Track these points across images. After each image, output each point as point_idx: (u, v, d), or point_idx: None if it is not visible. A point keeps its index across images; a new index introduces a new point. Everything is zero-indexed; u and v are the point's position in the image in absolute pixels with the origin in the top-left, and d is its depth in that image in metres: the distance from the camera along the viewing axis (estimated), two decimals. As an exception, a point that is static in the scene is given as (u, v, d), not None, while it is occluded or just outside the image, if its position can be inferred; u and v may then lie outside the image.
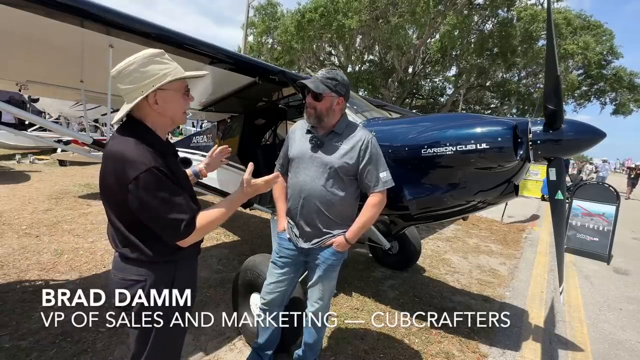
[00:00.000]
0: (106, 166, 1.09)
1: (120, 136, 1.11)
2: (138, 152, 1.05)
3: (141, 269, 1.16)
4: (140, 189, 1.02)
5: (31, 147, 9.41)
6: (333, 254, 1.74)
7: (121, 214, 1.12)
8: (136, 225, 1.12)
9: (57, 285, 2.93)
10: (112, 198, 1.11)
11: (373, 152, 1.67)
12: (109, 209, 1.15)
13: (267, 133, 4.22)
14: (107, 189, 1.11)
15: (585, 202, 5.57)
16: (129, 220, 1.12)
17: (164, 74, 1.11)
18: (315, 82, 1.64)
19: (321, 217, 1.71)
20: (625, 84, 17.02)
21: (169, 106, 1.15)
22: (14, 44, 2.11)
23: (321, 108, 1.65)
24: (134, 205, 1.05)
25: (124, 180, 1.03)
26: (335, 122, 1.72)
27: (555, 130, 2.09)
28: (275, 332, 2.00)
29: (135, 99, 1.09)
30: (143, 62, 1.08)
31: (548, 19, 2.14)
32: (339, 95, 1.66)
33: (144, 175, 1.02)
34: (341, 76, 1.68)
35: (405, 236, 3.76)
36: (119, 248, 1.17)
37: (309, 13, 16.65)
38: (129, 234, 1.13)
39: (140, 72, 1.08)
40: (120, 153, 1.05)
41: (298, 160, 1.76)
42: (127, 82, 1.08)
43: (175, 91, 1.16)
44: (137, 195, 1.03)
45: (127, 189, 1.03)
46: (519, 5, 15.71)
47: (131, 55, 1.10)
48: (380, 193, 1.68)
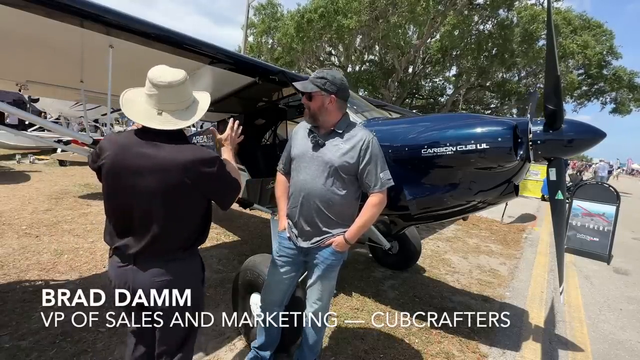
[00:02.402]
0: (168, 171, 1.19)
1: (170, 144, 1.23)
2: (204, 150, 1.28)
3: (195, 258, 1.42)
4: (221, 170, 1.29)
5: (31, 147, 9.41)
6: (332, 253, 1.74)
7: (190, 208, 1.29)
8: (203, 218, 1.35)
9: (57, 285, 2.93)
10: (187, 195, 1.24)
11: (373, 152, 1.67)
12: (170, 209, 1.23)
13: (267, 133, 4.22)
14: (177, 190, 1.21)
15: (585, 202, 5.57)
16: (199, 213, 1.32)
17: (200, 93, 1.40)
18: (304, 82, 1.69)
19: (321, 216, 1.71)
20: (625, 84, 17.00)
21: None
22: (14, 44, 2.11)
23: (313, 107, 1.69)
24: (217, 184, 1.30)
25: (206, 171, 1.23)
26: (334, 121, 1.72)
27: (555, 130, 2.09)
28: (275, 332, 2.00)
29: (196, 112, 1.31)
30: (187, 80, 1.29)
31: (548, 19, 2.14)
32: (328, 93, 1.66)
33: (218, 161, 1.29)
34: (332, 75, 1.68)
35: (405, 236, 3.76)
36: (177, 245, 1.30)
37: (309, 14, 16.65)
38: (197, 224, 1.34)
39: (189, 89, 1.31)
40: (196, 156, 1.23)
41: (299, 159, 1.77)
42: (184, 94, 1.28)
43: None
44: (221, 175, 1.29)
45: (209, 178, 1.25)
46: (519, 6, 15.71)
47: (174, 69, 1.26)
48: (380, 193, 1.68)
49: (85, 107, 3.02)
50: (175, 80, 1.21)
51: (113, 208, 1.26)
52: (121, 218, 1.25)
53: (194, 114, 1.29)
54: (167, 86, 1.20)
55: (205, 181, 1.25)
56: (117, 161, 1.19)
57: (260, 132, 4.17)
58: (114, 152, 1.20)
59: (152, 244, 1.22)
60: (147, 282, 1.24)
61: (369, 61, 21.13)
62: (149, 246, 1.22)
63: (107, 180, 1.23)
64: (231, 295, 2.45)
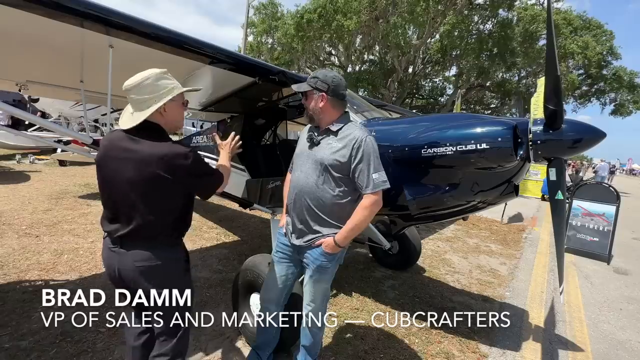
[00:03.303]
0: (148, 164, 1.29)
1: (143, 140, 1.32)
2: (178, 145, 1.35)
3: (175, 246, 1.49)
4: (195, 163, 1.36)
5: (31, 147, 9.41)
6: (322, 254, 1.71)
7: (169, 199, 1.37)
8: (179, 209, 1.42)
9: (57, 285, 2.93)
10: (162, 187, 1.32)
11: (366, 152, 1.61)
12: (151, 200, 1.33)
13: (267, 133, 4.22)
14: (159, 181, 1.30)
15: (585, 202, 5.57)
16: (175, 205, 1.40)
17: (172, 87, 1.39)
18: (299, 84, 1.74)
19: (311, 214, 1.70)
20: (625, 84, 16.99)
21: (173, 113, 1.43)
22: (14, 44, 2.11)
23: (308, 106, 1.74)
24: (193, 176, 1.38)
25: (181, 164, 1.32)
26: (331, 120, 1.72)
27: (555, 130, 2.09)
28: (274, 332, 2.00)
29: (150, 106, 1.34)
30: (157, 77, 1.35)
31: (548, 19, 2.14)
32: (319, 91, 1.67)
33: (192, 154, 1.35)
34: (324, 74, 1.69)
35: (405, 236, 3.76)
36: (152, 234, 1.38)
37: (308, 14, 16.65)
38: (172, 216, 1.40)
39: (155, 86, 1.35)
40: (168, 150, 1.31)
41: (297, 157, 1.81)
42: (144, 93, 1.33)
43: (178, 102, 1.44)
44: (195, 168, 1.37)
45: (184, 171, 1.33)
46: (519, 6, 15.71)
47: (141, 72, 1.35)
48: (372, 195, 1.61)
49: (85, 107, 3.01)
50: (135, 82, 1.32)
51: (104, 197, 1.41)
52: (110, 206, 1.39)
53: (150, 107, 1.34)
54: (130, 89, 1.33)
55: (179, 173, 1.33)
56: (104, 154, 1.36)
57: (260, 132, 4.17)
58: (103, 147, 1.39)
59: (136, 230, 1.33)
60: (129, 265, 1.35)
61: (369, 61, 21.15)
62: (132, 232, 1.33)
63: (97, 171, 1.40)
64: (231, 295, 2.45)
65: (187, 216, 1.50)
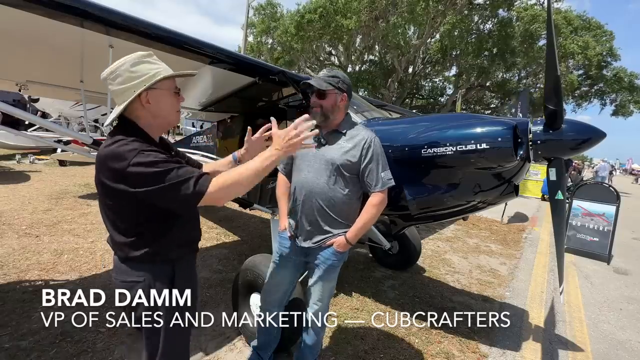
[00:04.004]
0: (99, 167, 1.08)
1: (112, 137, 1.11)
2: (126, 145, 1.06)
3: (140, 270, 1.17)
4: (138, 169, 1.02)
5: (31, 147, 9.41)
6: (333, 254, 1.74)
7: (119, 211, 1.13)
8: (132, 222, 1.13)
9: (57, 285, 2.93)
10: (111, 195, 1.10)
11: (375, 152, 1.68)
12: (106, 209, 1.15)
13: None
14: (105, 188, 1.09)
15: (585, 202, 5.57)
16: (126, 218, 1.13)
17: (154, 73, 1.12)
18: (318, 80, 1.69)
19: (322, 214, 1.71)
20: (626, 85, 16.98)
21: (161, 105, 1.16)
22: (14, 44, 2.11)
23: (326, 105, 1.69)
24: (139, 190, 1.03)
25: (122, 171, 1.02)
26: (339, 120, 1.74)
27: (555, 130, 2.09)
28: (275, 332, 2.00)
29: (125, 100, 1.10)
30: (134, 62, 1.10)
31: (548, 19, 2.14)
32: (341, 92, 1.70)
33: (136, 159, 1.02)
34: (342, 75, 1.73)
35: (405, 236, 3.76)
36: (118, 249, 1.18)
37: (308, 14, 16.65)
38: (126, 231, 1.13)
39: (131, 72, 1.09)
40: (110, 151, 1.05)
41: (301, 158, 1.78)
42: (119, 83, 1.10)
43: (165, 90, 1.16)
44: (138, 175, 1.02)
45: (126, 179, 1.02)
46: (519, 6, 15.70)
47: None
48: (381, 193, 1.69)
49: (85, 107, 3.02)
50: (110, 69, 1.11)
51: None
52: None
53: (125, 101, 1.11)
54: (105, 78, 1.12)
55: (114, 180, 1.05)
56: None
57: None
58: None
59: (111, 240, 1.19)
60: (113, 276, 1.22)
61: (369, 61, 21.13)
62: (109, 240, 1.21)
63: None
64: (231, 295, 2.45)
65: (147, 233, 1.15)
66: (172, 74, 1.15)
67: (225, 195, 1.12)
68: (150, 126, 1.17)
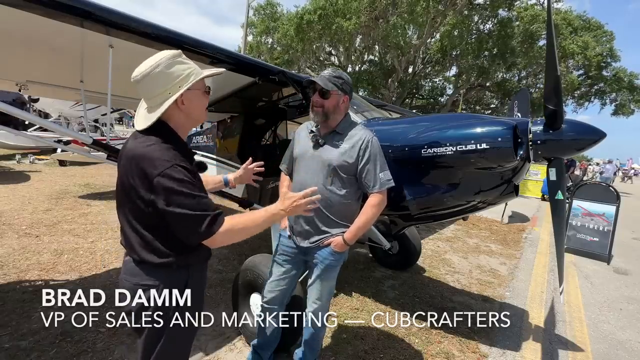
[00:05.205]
0: (129, 167, 1.06)
1: (143, 136, 1.09)
2: (162, 151, 1.05)
3: (156, 274, 1.14)
4: (166, 183, 1.01)
5: (31, 147, 9.41)
6: (331, 254, 1.74)
7: (141, 214, 1.10)
8: (154, 228, 1.11)
9: (57, 285, 2.93)
10: (134, 198, 1.08)
11: (372, 152, 1.67)
12: (127, 210, 1.12)
13: (267, 133, 4.22)
14: (129, 189, 1.08)
15: (585, 202, 5.57)
16: (148, 222, 1.10)
17: (188, 74, 1.11)
18: (323, 79, 1.67)
19: (319, 215, 1.71)
20: (626, 85, 16.99)
21: (194, 105, 1.16)
22: (14, 44, 2.11)
23: (328, 105, 1.68)
24: (160, 201, 1.02)
25: (150, 177, 1.01)
26: (338, 121, 1.74)
27: (555, 131, 2.09)
28: (275, 331, 2.00)
29: (164, 101, 1.08)
30: (168, 63, 1.08)
31: (548, 19, 2.14)
32: (344, 93, 1.70)
33: (169, 171, 1.01)
34: (346, 76, 1.73)
35: (405, 236, 3.76)
36: (135, 251, 1.13)
37: (308, 14, 16.65)
38: (147, 235, 1.11)
39: (167, 74, 1.07)
40: (144, 153, 1.04)
41: (300, 158, 1.78)
42: (155, 86, 1.08)
43: (198, 90, 1.16)
44: (164, 189, 1.01)
45: (152, 186, 1.01)
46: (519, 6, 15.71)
47: (151, 57, 1.08)
48: (379, 193, 1.68)
49: (85, 107, 3.02)
50: (144, 71, 1.07)
51: None
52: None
53: (163, 104, 1.09)
54: (139, 80, 1.08)
55: (140, 183, 1.03)
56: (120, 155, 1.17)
57: (260, 132, 4.17)
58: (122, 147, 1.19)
59: (125, 242, 1.16)
60: (123, 277, 1.18)
61: (369, 61, 21.14)
62: (123, 241, 1.17)
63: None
64: (231, 295, 2.45)
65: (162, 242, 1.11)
66: (202, 76, 1.14)
67: (227, 240, 1.12)
68: (181, 126, 1.17)
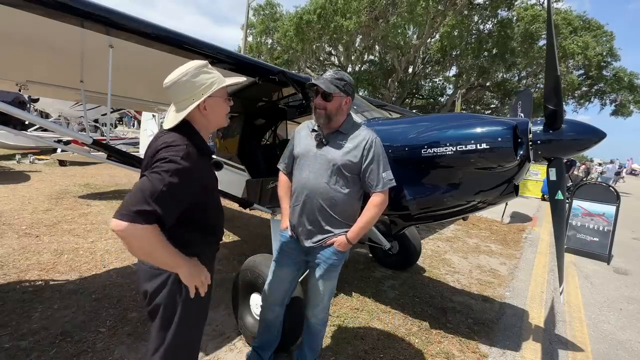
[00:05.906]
0: (149, 153, 1.17)
1: (168, 132, 1.20)
2: (179, 140, 1.15)
3: None
4: (164, 151, 1.10)
5: (31, 147, 9.41)
6: (334, 253, 1.74)
7: None
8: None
9: (57, 285, 2.93)
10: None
11: (376, 152, 1.69)
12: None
13: (267, 133, 4.22)
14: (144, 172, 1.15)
15: (585, 202, 5.57)
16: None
17: (211, 82, 1.24)
18: (325, 82, 1.67)
19: (323, 214, 1.71)
20: (626, 85, 16.97)
21: (214, 110, 1.28)
22: (14, 44, 2.11)
23: (331, 108, 1.69)
24: (150, 163, 1.12)
25: (157, 152, 1.11)
26: (341, 122, 1.75)
27: (555, 131, 2.09)
28: (275, 331, 2.00)
29: (188, 106, 1.21)
30: (194, 72, 1.21)
31: (548, 19, 2.14)
32: (347, 95, 1.71)
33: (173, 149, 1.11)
34: (348, 77, 1.74)
35: (405, 236, 3.76)
36: None
37: (308, 14, 16.64)
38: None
39: (192, 82, 1.21)
40: (165, 140, 1.15)
41: (302, 157, 1.78)
42: (182, 92, 1.21)
43: (219, 97, 1.29)
44: (157, 160, 1.09)
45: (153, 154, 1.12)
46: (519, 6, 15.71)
47: (181, 66, 1.22)
48: (382, 193, 1.69)
49: (85, 107, 3.02)
50: (173, 79, 1.21)
51: None
52: None
53: (187, 107, 1.21)
54: (168, 87, 1.23)
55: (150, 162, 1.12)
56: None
57: (260, 132, 4.17)
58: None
59: None
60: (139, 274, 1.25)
61: (369, 61, 21.13)
62: None
63: None
64: (231, 295, 2.45)
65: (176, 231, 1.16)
66: (224, 85, 1.28)
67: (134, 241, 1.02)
68: (203, 128, 1.30)
